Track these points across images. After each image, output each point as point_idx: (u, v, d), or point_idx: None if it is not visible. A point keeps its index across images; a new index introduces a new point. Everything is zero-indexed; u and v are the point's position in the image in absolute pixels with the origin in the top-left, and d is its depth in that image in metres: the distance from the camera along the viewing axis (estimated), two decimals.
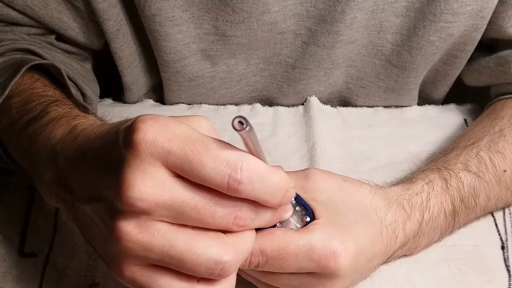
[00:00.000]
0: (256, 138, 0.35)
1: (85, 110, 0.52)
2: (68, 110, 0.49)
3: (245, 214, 0.36)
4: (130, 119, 0.37)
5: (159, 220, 0.35)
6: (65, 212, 0.43)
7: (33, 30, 0.62)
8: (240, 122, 0.32)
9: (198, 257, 0.35)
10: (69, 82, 0.56)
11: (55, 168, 0.43)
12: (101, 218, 0.37)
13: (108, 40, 0.61)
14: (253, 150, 0.35)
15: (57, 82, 0.58)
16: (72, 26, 0.61)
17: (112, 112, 0.57)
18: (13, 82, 0.52)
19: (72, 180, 0.41)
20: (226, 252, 0.36)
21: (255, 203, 0.37)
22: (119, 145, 0.36)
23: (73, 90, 0.57)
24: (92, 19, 0.60)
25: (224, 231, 0.37)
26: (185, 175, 0.35)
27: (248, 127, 0.32)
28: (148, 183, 0.34)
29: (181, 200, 0.35)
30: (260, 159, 0.36)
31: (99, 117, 0.50)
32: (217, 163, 0.34)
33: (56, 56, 0.61)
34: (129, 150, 0.35)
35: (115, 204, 0.35)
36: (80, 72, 0.64)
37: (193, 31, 0.62)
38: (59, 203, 0.44)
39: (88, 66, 0.67)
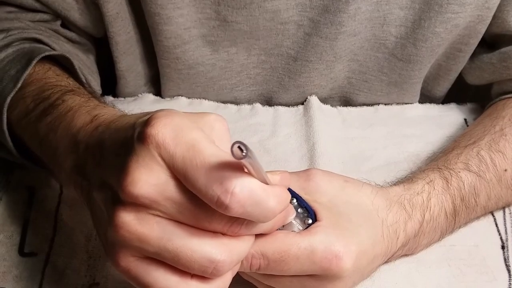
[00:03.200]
0: (257, 160, 0.34)
1: (101, 99, 0.52)
2: (86, 99, 0.50)
3: (240, 224, 0.37)
4: (148, 113, 0.37)
5: (158, 215, 0.36)
6: (81, 199, 0.44)
7: (38, 16, 0.62)
8: (239, 147, 0.30)
9: (193, 254, 0.36)
10: (79, 72, 0.57)
11: (75, 156, 0.44)
12: (106, 205, 0.38)
13: (106, 23, 0.61)
14: (254, 174, 0.35)
15: (67, 71, 0.59)
16: (74, 7, 0.61)
17: None
18: (26, 73, 0.53)
19: (88, 167, 0.42)
20: (221, 252, 0.36)
21: None
22: (133, 139, 0.36)
23: (83, 79, 0.58)
24: (92, 1, 0.60)
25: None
26: (183, 182, 0.35)
27: (248, 155, 0.31)
28: (152, 181, 0.35)
29: (180, 203, 0.35)
30: (262, 180, 0.35)
31: (117, 107, 0.50)
32: (210, 182, 0.34)
33: (63, 46, 0.62)
34: (140, 145, 0.35)
35: (118, 194, 0.36)
36: (85, 63, 0.64)
37: (194, 15, 0.61)
38: (76, 189, 0.45)
39: (92, 57, 0.68)
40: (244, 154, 0.30)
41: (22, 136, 0.53)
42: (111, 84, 0.71)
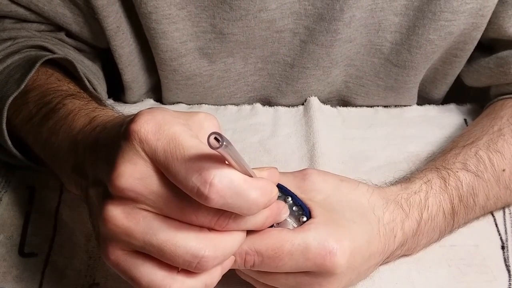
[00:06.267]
0: (236, 152, 0.34)
1: (100, 102, 0.53)
2: (85, 102, 0.51)
3: (228, 218, 0.37)
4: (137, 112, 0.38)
5: (145, 209, 0.37)
6: (81, 198, 0.45)
7: (43, 27, 0.63)
8: (215, 139, 0.31)
9: (177, 248, 0.36)
10: (82, 75, 0.58)
11: (75, 157, 0.45)
12: (98, 200, 0.39)
13: (108, 37, 0.62)
14: (235, 165, 0.35)
15: (71, 76, 0.59)
16: (76, 21, 0.62)
17: None
18: (28, 77, 0.54)
19: (86, 166, 0.43)
20: (205, 247, 0.37)
21: None
22: (120, 135, 0.37)
23: (87, 83, 0.58)
24: (93, 16, 0.61)
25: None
26: (166, 176, 0.36)
27: (224, 144, 0.31)
28: (136, 175, 0.36)
29: (166, 196, 0.36)
30: (244, 172, 0.36)
31: (115, 109, 0.51)
32: (189, 174, 0.34)
33: (69, 53, 0.63)
34: (125, 141, 0.36)
35: (107, 189, 0.37)
36: (91, 69, 0.65)
37: (190, 29, 0.62)
38: (77, 189, 0.46)
39: (98, 64, 0.68)
40: (220, 144, 0.31)
41: (26, 140, 0.54)
42: (118, 93, 0.72)
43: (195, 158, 0.35)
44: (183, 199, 0.36)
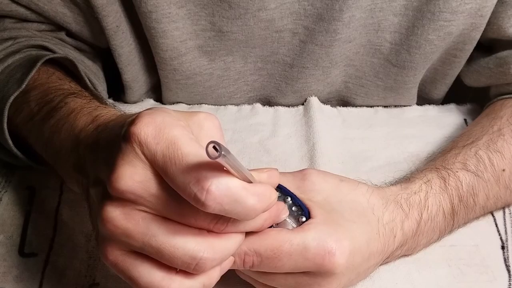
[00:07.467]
0: (235, 159, 0.34)
1: (102, 101, 0.53)
2: (87, 101, 0.51)
3: (226, 222, 0.37)
4: (137, 112, 0.38)
5: (144, 211, 0.37)
6: (83, 196, 0.45)
7: (43, 27, 0.63)
8: (214, 147, 0.31)
9: (176, 250, 0.36)
10: (83, 74, 0.58)
11: (76, 155, 0.45)
12: (97, 200, 0.39)
13: (107, 36, 0.62)
14: (233, 173, 0.35)
15: (71, 75, 0.59)
16: (76, 21, 0.62)
17: None
18: (29, 76, 0.54)
19: (87, 165, 0.43)
20: (204, 249, 0.37)
21: None
22: (120, 136, 0.37)
23: (88, 82, 0.58)
24: (92, 16, 0.61)
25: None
26: (164, 179, 0.36)
27: (222, 153, 0.31)
28: (136, 178, 0.36)
29: (165, 199, 0.36)
30: (243, 179, 0.36)
31: (117, 108, 0.51)
32: (187, 179, 0.34)
33: (69, 53, 0.63)
34: (125, 143, 0.36)
35: (107, 190, 0.37)
36: (91, 69, 0.65)
37: (189, 27, 0.62)
38: (78, 187, 0.46)
39: (98, 64, 0.69)
40: (218, 153, 0.31)
41: (27, 139, 0.54)
42: (118, 93, 0.72)
43: (193, 164, 0.35)
44: (182, 202, 0.36)
